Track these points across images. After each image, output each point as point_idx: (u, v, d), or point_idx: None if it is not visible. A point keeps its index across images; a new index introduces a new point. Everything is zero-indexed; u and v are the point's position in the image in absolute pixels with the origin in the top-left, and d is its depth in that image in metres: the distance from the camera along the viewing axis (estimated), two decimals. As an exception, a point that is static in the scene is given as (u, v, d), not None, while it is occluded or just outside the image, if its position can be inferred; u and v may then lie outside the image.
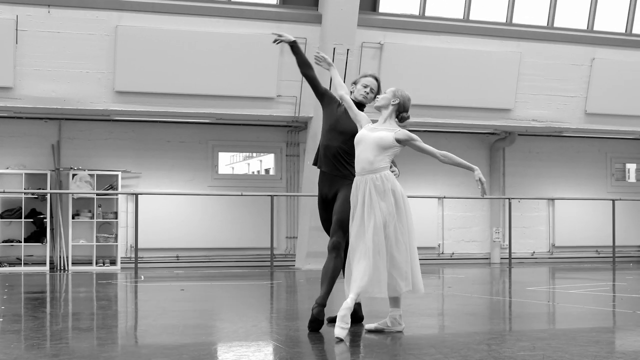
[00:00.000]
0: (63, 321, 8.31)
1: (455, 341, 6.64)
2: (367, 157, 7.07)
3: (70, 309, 9.83)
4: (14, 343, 6.56)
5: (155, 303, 10.26)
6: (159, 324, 7.67)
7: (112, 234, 18.58)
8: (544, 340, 6.58)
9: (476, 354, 5.84)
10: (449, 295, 11.39)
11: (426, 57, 18.87)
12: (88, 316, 8.90)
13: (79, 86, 17.01)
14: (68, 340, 6.86)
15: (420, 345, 6.54)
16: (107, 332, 7.29)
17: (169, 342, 6.50)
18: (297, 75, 17.60)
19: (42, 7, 16.64)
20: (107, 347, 6.36)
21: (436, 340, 6.92)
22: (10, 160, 18.29)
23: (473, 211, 21.67)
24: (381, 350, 6.23)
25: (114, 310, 9.68)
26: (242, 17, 17.77)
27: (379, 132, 7.16)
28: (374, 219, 6.96)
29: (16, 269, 17.64)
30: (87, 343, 6.72)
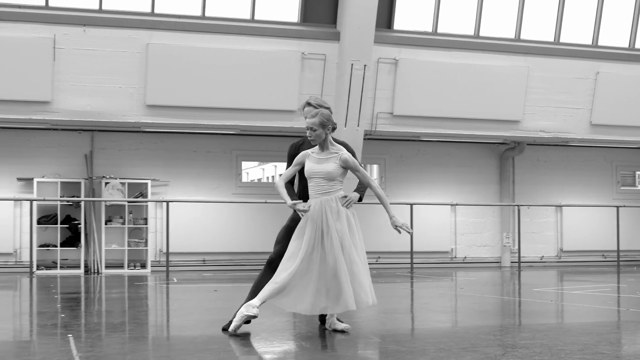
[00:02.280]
0: (108, 316, 9.30)
1: (465, 332, 7.63)
2: (322, 187, 7.49)
3: (121, 307, 10.79)
4: (54, 337, 7.52)
5: (195, 302, 11.20)
6: (205, 320, 8.61)
7: (142, 238, 19.50)
8: (543, 332, 7.54)
9: (483, 342, 6.82)
10: (462, 296, 12.28)
11: (439, 71, 19.67)
12: (139, 313, 9.86)
13: (112, 100, 17.95)
14: (126, 331, 7.87)
15: (435, 335, 7.52)
16: (160, 325, 8.25)
17: (211, 334, 7.47)
18: (317, 89, 18.67)
19: (78, 26, 17.55)
20: (160, 337, 7.34)
21: (449, 332, 7.91)
22: (47, 169, 19.18)
23: (484, 217, 22.51)
24: (401, 339, 7.22)
25: (159, 308, 10.66)
26: (264, 35, 18.60)
27: (325, 165, 7.51)
28: (331, 239, 7.39)
29: (52, 272, 18.46)
30: (140, 334, 7.73)
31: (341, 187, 7.59)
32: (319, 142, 7.58)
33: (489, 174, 22.49)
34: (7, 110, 17.42)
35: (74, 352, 6.32)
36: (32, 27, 17.33)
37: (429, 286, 14.60)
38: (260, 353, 6.44)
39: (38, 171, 19.09)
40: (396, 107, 19.50)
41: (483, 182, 22.39)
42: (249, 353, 6.47)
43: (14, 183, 18.98)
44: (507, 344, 6.74)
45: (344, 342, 6.99)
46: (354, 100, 18.70)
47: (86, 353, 6.27)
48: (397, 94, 19.47)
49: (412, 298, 12.20)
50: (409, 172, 21.71)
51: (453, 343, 6.78)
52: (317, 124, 7.52)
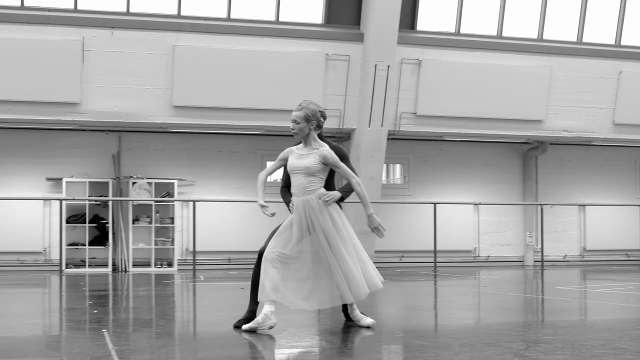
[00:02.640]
0: (135, 313, 9.54)
1: (488, 329, 7.81)
2: (301, 183, 7.47)
3: (150, 304, 11.04)
4: (88, 332, 7.78)
5: (223, 299, 11.41)
6: (233, 316, 8.78)
7: (169, 237, 19.77)
8: (565, 328, 7.70)
9: (506, 338, 6.99)
10: (485, 294, 12.45)
11: (462, 72, 19.86)
12: (169, 310, 10.10)
13: (139, 101, 18.23)
14: (157, 326, 8.11)
15: (459, 331, 7.70)
16: (190, 321, 8.48)
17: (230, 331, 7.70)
18: (341, 90, 18.90)
19: (106, 29, 17.88)
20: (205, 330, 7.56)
21: (472, 328, 8.09)
22: (75, 169, 19.49)
23: (507, 216, 22.63)
24: (425, 335, 7.41)
25: (188, 305, 10.91)
26: (289, 36, 18.85)
27: (305, 160, 7.49)
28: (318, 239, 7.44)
29: (81, 270, 18.77)
30: (171, 329, 7.96)
31: (321, 185, 7.52)
32: (302, 136, 7.56)
33: (512, 173, 22.61)
34: (37, 112, 17.75)
35: (110, 345, 6.54)
36: (61, 30, 17.65)
37: (452, 284, 14.76)
38: (289, 348, 6.64)
39: (67, 171, 19.40)
40: (419, 107, 19.68)
41: (506, 182, 22.51)
42: (278, 347, 6.67)
43: (43, 183, 19.31)
44: (529, 339, 6.91)
45: (369, 338, 7.18)
46: (378, 100, 18.90)
47: (121, 347, 6.48)
48: (420, 94, 19.64)
49: (435, 296, 12.38)
50: (432, 172, 21.88)
51: (477, 338, 6.96)
52: (301, 117, 7.51)
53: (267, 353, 6.49)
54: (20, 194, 19.01)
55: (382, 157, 19.36)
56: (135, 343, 6.83)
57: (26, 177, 19.28)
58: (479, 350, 6.26)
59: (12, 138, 19.27)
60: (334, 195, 7.51)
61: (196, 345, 6.91)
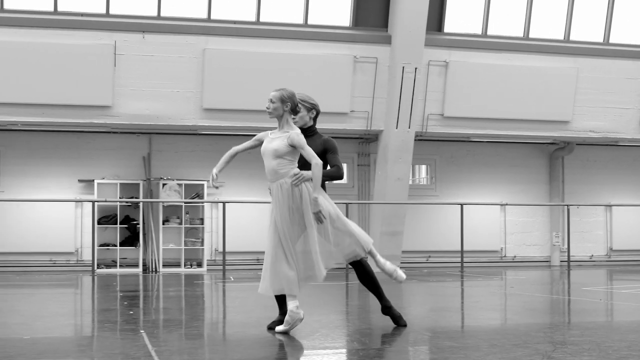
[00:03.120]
0: (165, 314, 9.77)
1: (516, 329, 7.97)
2: (272, 167, 7.60)
3: (183, 304, 11.27)
4: (126, 332, 8.00)
5: (254, 300, 11.55)
6: (265, 317, 8.98)
7: (198, 238, 20.02)
8: (592, 329, 7.86)
9: (534, 339, 7.16)
10: (512, 294, 12.58)
11: (489, 73, 20.00)
12: (202, 310, 10.32)
13: (170, 104, 18.50)
14: (193, 327, 8.33)
15: (487, 332, 7.87)
16: (224, 322, 8.69)
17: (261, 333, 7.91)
18: (369, 92, 19.10)
19: (137, 33, 18.16)
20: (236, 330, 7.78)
21: (500, 329, 8.26)
22: (106, 171, 19.78)
23: (534, 217, 22.73)
24: (454, 336, 7.59)
25: (220, 305, 11.13)
26: (317, 39, 19.06)
27: (274, 143, 7.61)
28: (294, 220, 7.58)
29: (112, 270, 19.03)
30: (207, 330, 8.18)
31: (292, 167, 7.60)
32: (276, 116, 7.67)
33: (538, 173, 22.71)
34: (70, 115, 18.06)
35: (149, 346, 6.76)
36: (94, 34, 17.95)
37: (479, 285, 14.90)
38: (322, 349, 6.83)
39: (98, 173, 19.69)
40: (447, 108, 19.84)
41: (533, 182, 22.62)
42: (312, 348, 6.87)
43: (75, 185, 19.61)
44: (556, 340, 7.07)
45: (399, 338, 7.37)
46: (405, 102, 19.08)
47: (160, 348, 6.70)
48: (447, 96, 19.80)
49: (462, 296, 12.53)
50: (459, 173, 22.02)
51: (505, 340, 7.13)
52: (277, 97, 7.65)
53: (304, 354, 6.68)
54: (53, 196, 19.33)
55: (410, 158, 19.53)
56: (172, 344, 7.04)
57: (59, 179, 19.60)
58: (508, 351, 6.43)
59: (45, 140, 19.59)
60: (303, 176, 7.55)
61: (232, 346, 7.11)
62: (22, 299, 11.96)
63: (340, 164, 7.99)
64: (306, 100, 8.03)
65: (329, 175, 7.89)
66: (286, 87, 7.84)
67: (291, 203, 7.56)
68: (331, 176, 7.91)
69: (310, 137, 7.96)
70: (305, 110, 8.02)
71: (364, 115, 19.38)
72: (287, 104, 7.69)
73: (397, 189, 19.47)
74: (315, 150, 7.79)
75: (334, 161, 7.96)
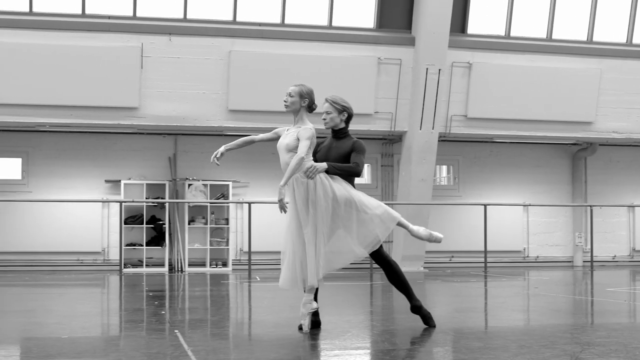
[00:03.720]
0: (192, 314, 9.93)
1: (543, 330, 8.08)
2: (285, 161, 7.65)
3: (212, 304, 11.43)
4: (161, 332, 8.17)
5: (281, 300, 11.68)
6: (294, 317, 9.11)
7: (223, 238, 20.20)
8: (618, 330, 7.96)
9: (561, 340, 7.28)
10: (536, 295, 12.68)
11: (512, 74, 20.08)
12: (231, 310, 10.47)
13: (196, 105, 18.68)
14: (225, 327, 8.49)
15: (514, 333, 7.99)
16: (253, 322, 8.84)
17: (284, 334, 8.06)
18: (393, 93, 19.22)
19: (164, 35, 18.37)
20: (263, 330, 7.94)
21: (527, 330, 8.38)
22: (132, 171, 19.99)
23: (556, 217, 22.78)
24: (482, 337, 7.72)
25: (247, 305, 11.29)
26: (342, 41, 19.20)
27: (287, 138, 7.72)
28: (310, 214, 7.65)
29: (138, 270, 19.25)
30: (239, 330, 8.34)
31: (305, 161, 7.59)
32: (293, 110, 7.79)
33: (561, 174, 22.76)
34: (97, 116, 18.28)
35: (185, 346, 6.92)
36: (121, 37, 18.16)
37: (503, 285, 15.00)
38: (355, 348, 6.97)
39: (125, 173, 19.89)
40: (470, 109, 19.94)
41: (555, 183, 22.68)
42: (344, 347, 7.00)
43: (102, 185, 19.84)
44: (583, 341, 7.17)
45: (428, 339, 7.49)
46: (429, 103, 19.20)
47: (196, 347, 6.86)
48: (471, 97, 19.91)
49: (487, 297, 12.64)
50: (482, 173, 22.11)
51: (533, 340, 7.24)
52: (295, 92, 7.79)
53: (336, 354, 6.82)
54: (81, 196, 19.57)
55: (433, 159, 19.65)
56: (207, 344, 7.19)
57: (86, 180, 19.83)
58: (536, 352, 6.55)
59: (73, 141, 19.83)
60: (316, 167, 7.59)
61: (266, 346, 7.22)
62: (53, 299, 12.13)
63: (361, 162, 7.94)
64: (338, 102, 8.08)
65: (345, 170, 7.85)
66: (305, 84, 7.95)
67: (312, 196, 7.61)
68: (347, 171, 7.87)
69: (341, 139, 8.06)
70: (336, 112, 8.08)
71: (388, 117, 19.51)
72: (305, 100, 7.83)
73: (421, 189, 19.60)
74: (344, 152, 7.92)
75: (355, 159, 7.92)
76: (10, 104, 17.95)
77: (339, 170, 7.82)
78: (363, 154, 8.01)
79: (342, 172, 7.86)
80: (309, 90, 7.86)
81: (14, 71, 17.80)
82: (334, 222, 7.74)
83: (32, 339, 7.56)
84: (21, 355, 6.70)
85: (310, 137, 7.66)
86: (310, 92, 7.87)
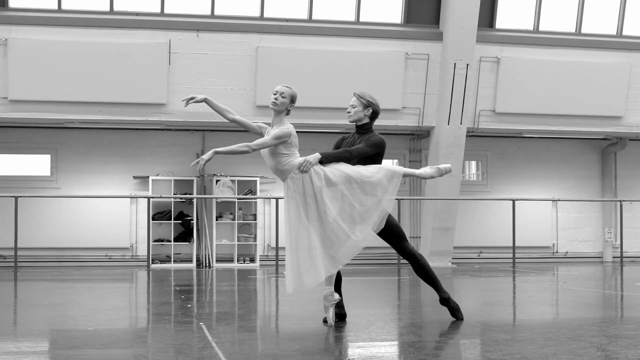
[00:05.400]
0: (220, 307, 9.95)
1: (570, 323, 8.04)
2: (273, 166, 7.61)
3: (240, 298, 11.44)
4: (187, 324, 8.20)
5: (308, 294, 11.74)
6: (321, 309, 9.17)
7: (251, 234, 20.21)
8: (646, 323, 7.94)
9: (588, 332, 7.23)
10: (564, 289, 12.61)
11: (541, 69, 19.96)
12: (256, 304, 10.49)
13: (223, 101, 18.40)
14: (251, 320, 8.50)
15: (542, 325, 7.95)
16: (279, 315, 8.86)
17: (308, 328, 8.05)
18: (420, 88, 19.16)
19: (191, 31, 18.43)
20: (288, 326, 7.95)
21: (554, 322, 8.32)
22: (160, 167, 20.09)
23: (586, 212, 22.63)
24: (509, 329, 7.67)
25: (271, 299, 11.31)
26: (369, 37, 19.16)
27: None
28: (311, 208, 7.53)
29: (166, 265, 19.31)
30: (266, 324, 8.34)
31: (293, 159, 7.57)
32: (279, 111, 7.69)
33: (590, 169, 22.61)
34: (125, 112, 18.36)
35: (209, 337, 6.94)
36: (149, 33, 18.23)
37: (531, 280, 14.91)
38: (380, 340, 6.96)
39: (153, 170, 19.97)
40: (498, 104, 19.85)
41: (585, 178, 22.52)
42: (370, 339, 6.98)
43: (130, 181, 19.93)
44: (611, 334, 7.12)
45: (453, 331, 7.47)
46: (457, 98, 19.13)
47: (220, 339, 6.87)
48: (499, 92, 19.81)
49: (514, 291, 12.58)
50: (511, 169, 22.00)
51: (559, 333, 7.20)
52: (288, 94, 7.70)
53: (361, 346, 6.81)
54: (109, 193, 19.66)
55: (461, 154, 19.58)
56: (232, 335, 7.21)
57: (114, 176, 19.93)
58: (562, 344, 6.51)
59: (101, 138, 19.94)
60: (309, 160, 7.53)
61: (291, 338, 7.21)
62: (81, 293, 12.19)
63: (359, 151, 7.79)
64: (364, 97, 8.02)
65: (336, 156, 7.75)
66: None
67: (309, 190, 7.54)
68: (339, 157, 7.77)
69: (363, 134, 8.01)
70: (361, 106, 8.02)
71: (416, 112, 19.47)
72: (292, 105, 7.78)
73: (449, 184, 19.53)
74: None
75: (355, 147, 7.84)
76: (39, 101, 18.07)
77: (331, 158, 7.74)
78: (372, 146, 7.88)
79: (335, 159, 7.76)
80: (294, 95, 7.78)
81: (42, 68, 17.91)
82: (344, 202, 7.63)
83: (58, 331, 7.61)
84: (47, 346, 6.74)
85: (281, 136, 7.52)
86: (294, 96, 7.79)
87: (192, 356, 6.07)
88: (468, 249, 21.14)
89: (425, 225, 20.08)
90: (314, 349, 6.50)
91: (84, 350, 6.36)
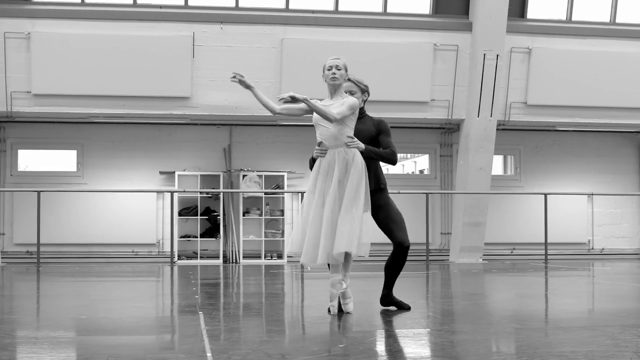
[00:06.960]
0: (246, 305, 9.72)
1: (589, 313, 7.69)
2: (332, 133, 7.47)
3: (267, 292, 11.23)
4: (193, 314, 7.98)
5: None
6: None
7: (278, 229, 20.00)
8: (669, 314, 7.56)
9: (604, 322, 6.88)
10: (591, 283, 12.25)
11: (574, 60, 19.52)
12: (281, 298, 10.27)
13: (248, 94, 18.06)
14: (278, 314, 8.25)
15: (575, 318, 7.57)
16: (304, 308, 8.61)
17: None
18: (449, 80, 18.81)
19: (216, 24, 18.26)
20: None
21: (587, 314, 7.98)
22: (187, 162, 19.92)
23: (623, 208, 22.12)
24: (521, 319, 7.34)
25: (297, 294, 11.06)
26: (397, 28, 18.87)
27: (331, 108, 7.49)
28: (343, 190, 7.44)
29: (193, 261, 19.17)
30: (291, 318, 8.08)
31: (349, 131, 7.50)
32: (338, 85, 7.60)
33: (627, 163, 22.09)
34: (149, 106, 18.22)
35: (202, 325, 6.72)
36: (173, 26, 18.08)
37: (561, 275, 14.52)
38: (406, 328, 6.70)
39: (179, 165, 19.80)
40: (530, 96, 19.44)
41: (621, 172, 22.00)
42: (398, 327, 6.74)
43: (157, 177, 19.78)
44: (627, 324, 6.75)
45: (477, 321, 7.17)
46: (487, 90, 18.76)
47: (212, 327, 6.64)
48: (530, 84, 19.40)
49: (540, 285, 12.19)
50: (545, 163, 21.54)
51: (572, 322, 6.88)
52: (342, 65, 7.62)
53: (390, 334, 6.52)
54: (135, 188, 19.50)
55: (492, 147, 19.18)
56: (252, 322, 7.02)
57: (140, 171, 19.79)
58: (572, 332, 6.21)
59: (126, 133, 19.81)
60: (356, 142, 7.47)
61: (318, 329, 6.98)
62: (105, 287, 12.07)
63: (395, 148, 7.84)
64: (361, 82, 7.96)
65: (381, 155, 7.75)
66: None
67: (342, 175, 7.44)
68: (384, 157, 7.76)
69: (360, 119, 7.83)
70: (360, 92, 7.92)
71: (445, 104, 19.12)
72: (347, 75, 7.70)
73: (479, 178, 19.15)
74: (367, 132, 7.83)
75: (389, 144, 7.81)
76: (62, 95, 18.00)
77: (375, 155, 7.70)
78: (391, 136, 7.90)
79: (378, 158, 7.74)
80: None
81: (65, 62, 17.82)
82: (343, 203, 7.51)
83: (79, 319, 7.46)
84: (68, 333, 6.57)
85: (355, 107, 7.46)
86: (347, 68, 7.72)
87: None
88: (500, 245, 20.73)
89: (456, 220, 19.71)
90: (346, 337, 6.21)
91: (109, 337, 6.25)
